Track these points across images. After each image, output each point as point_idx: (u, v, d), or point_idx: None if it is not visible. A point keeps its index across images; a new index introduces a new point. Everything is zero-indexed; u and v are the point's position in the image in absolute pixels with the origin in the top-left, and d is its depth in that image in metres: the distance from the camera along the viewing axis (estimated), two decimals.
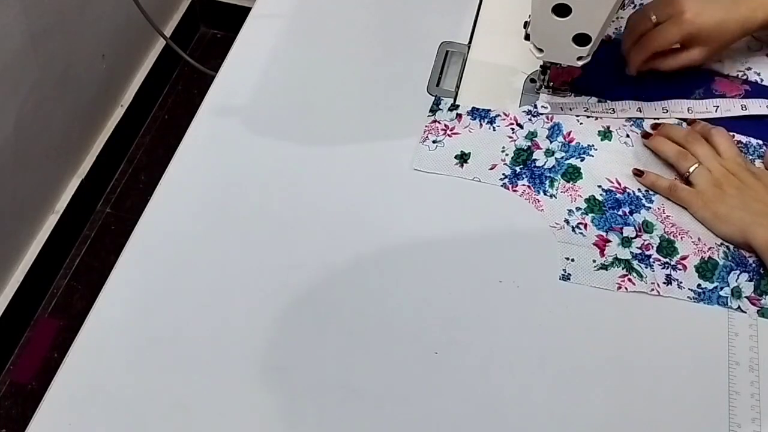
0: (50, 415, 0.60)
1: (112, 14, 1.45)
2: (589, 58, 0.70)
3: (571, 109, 0.75)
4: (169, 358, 0.62)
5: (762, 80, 0.78)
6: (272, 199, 0.71)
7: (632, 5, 0.83)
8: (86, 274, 1.48)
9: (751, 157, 0.72)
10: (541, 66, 0.75)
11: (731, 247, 0.66)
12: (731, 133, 0.72)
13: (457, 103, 0.77)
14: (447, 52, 0.82)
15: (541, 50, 0.71)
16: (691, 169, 0.69)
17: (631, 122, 0.75)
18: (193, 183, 0.73)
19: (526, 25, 0.71)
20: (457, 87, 0.79)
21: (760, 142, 0.73)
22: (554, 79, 0.76)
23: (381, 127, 0.76)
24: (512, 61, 0.80)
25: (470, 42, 0.82)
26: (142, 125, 1.67)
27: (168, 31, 1.68)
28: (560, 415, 0.59)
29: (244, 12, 0.87)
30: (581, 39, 0.68)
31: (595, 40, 0.67)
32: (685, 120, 0.74)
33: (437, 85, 0.79)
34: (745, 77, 0.78)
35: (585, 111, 0.75)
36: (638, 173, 0.71)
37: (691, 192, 0.69)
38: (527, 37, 0.71)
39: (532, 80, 0.78)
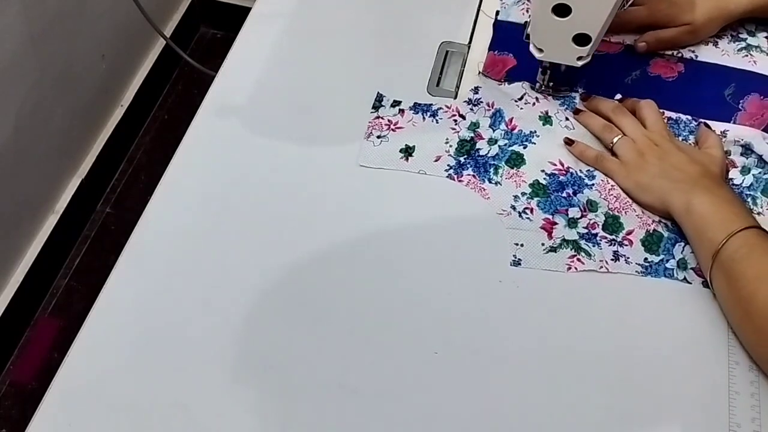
0: (50, 415, 0.60)
1: (112, 14, 1.45)
2: (589, 58, 0.70)
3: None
4: (169, 358, 0.62)
5: (697, 56, 0.79)
6: (272, 198, 0.71)
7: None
8: (86, 274, 1.48)
9: (683, 132, 0.73)
10: (541, 66, 0.75)
11: None
12: (661, 111, 0.74)
13: (399, 99, 0.77)
14: (447, 52, 0.82)
15: (541, 50, 0.71)
16: (614, 140, 0.71)
17: (565, 107, 0.76)
18: (193, 183, 0.73)
19: (526, 25, 0.71)
20: (457, 87, 0.79)
21: (690, 117, 0.74)
22: (489, 68, 0.78)
23: None
24: None
25: (470, 42, 0.82)
26: (142, 125, 1.67)
27: (168, 31, 1.68)
28: (560, 415, 0.59)
29: (244, 12, 0.87)
30: (581, 39, 0.68)
31: (595, 40, 0.67)
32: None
33: (437, 85, 0.79)
34: (680, 55, 0.79)
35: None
36: (569, 142, 0.72)
37: (616, 162, 0.70)
38: (527, 37, 0.71)
39: None
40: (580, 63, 0.70)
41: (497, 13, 0.84)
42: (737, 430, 0.58)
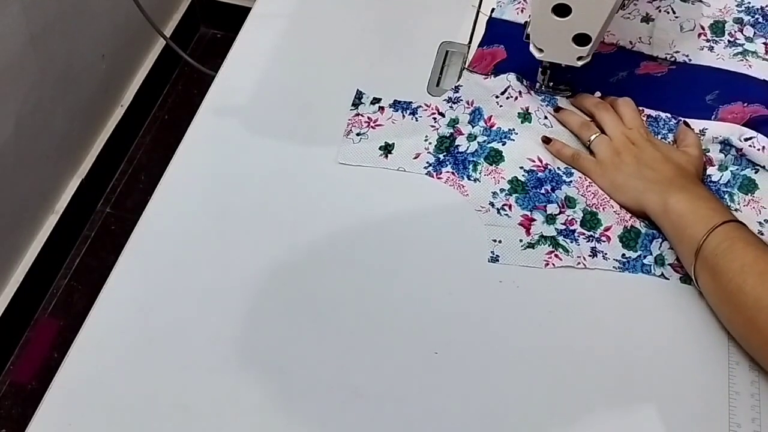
0: (50, 415, 0.60)
1: (112, 14, 1.45)
2: (589, 58, 0.70)
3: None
4: (169, 358, 0.62)
5: (690, 60, 0.78)
6: (272, 198, 0.71)
7: (633, 3, 0.83)
8: (86, 274, 1.48)
9: (662, 130, 0.73)
10: (541, 66, 0.75)
11: None
12: (641, 108, 0.74)
13: (379, 96, 0.77)
14: (447, 52, 0.82)
15: (541, 50, 0.71)
16: (592, 138, 0.71)
17: (546, 103, 0.76)
18: (193, 183, 0.73)
19: (526, 25, 0.71)
20: None
21: (669, 115, 0.74)
22: (476, 62, 0.78)
23: None
24: None
25: (470, 42, 0.82)
26: (142, 125, 1.67)
27: (168, 31, 1.68)
28: (561, 415, 0.59)
29: (244, 12, 0.87)
30: (581, 39, 0.68)
31: (595, 40, 0.67)
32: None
33: (437, 85, 0.79)
34: (673, 59, 0.79)
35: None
36: (546, 140, 0.72)
37: (592, 161, 0.71)
38: (527, 37, 0.71)
39: None
40: (580, 63, 0.70)
41: (492, 10, 0.84)
42: (737, 430, 0.58)
